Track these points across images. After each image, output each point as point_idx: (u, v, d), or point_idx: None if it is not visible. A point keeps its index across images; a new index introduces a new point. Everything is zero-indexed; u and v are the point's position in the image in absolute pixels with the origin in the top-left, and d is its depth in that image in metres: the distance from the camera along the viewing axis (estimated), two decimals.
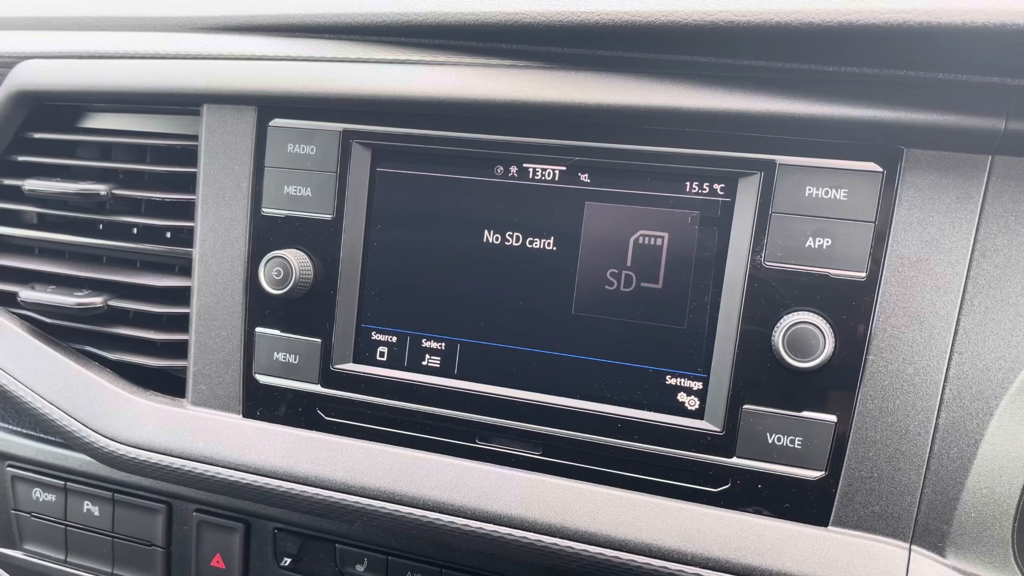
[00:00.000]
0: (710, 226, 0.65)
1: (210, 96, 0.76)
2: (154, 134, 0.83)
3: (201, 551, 0.84)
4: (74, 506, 0.88)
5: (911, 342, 0.61)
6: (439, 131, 0.70)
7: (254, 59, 0.75)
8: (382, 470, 0.72)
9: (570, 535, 0.67)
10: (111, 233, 0.84)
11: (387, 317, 0.73)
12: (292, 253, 0.72)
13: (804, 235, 0.62)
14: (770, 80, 0.62)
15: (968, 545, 0.61)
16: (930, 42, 0.56)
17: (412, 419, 0.73)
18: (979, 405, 0.60)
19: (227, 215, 0.76)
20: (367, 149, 0.72)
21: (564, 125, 0.67)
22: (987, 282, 0.60)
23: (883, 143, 0.61)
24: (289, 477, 0.74)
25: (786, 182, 0.62)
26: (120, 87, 0.79)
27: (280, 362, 0.76)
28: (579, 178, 0.68)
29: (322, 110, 0.73)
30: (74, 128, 0.87)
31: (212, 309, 0.77)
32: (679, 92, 0.63)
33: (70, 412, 0.80)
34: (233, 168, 0.76)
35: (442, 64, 0.70)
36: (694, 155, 0.64)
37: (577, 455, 0.69)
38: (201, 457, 0.76)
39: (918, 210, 0.60)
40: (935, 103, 0.59)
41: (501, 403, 0.70)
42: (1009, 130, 0.57)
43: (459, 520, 0.69)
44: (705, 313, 0.65)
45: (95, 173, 0.84)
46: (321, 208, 0.73)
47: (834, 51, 0.61)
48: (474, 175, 0.70)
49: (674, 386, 0.67)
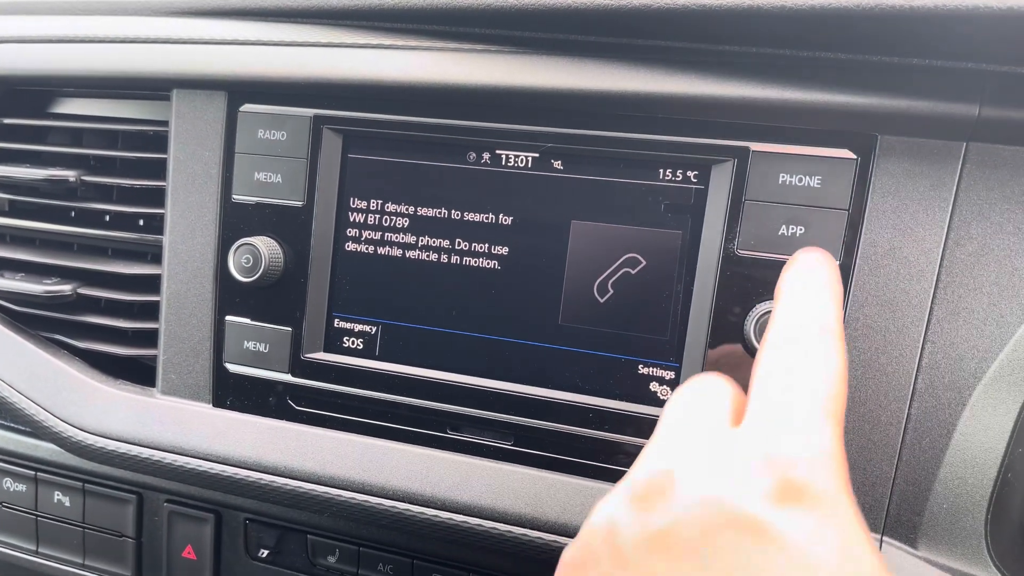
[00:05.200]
0: (683, 214, 0.64)
1: (179, 81, 0.75)
2: (125, 119, 0.82)
3: (172, 542, 0.83)
4: (45, 496, 0.87)
5: (884, 331, 0.60)
6: (410, 116, 0.69)
7: (224, 43, 0.73)
8: (352, 460, 0.71)
9: (541, 525, 0.66)
10: (83, 220, 0.83)
11: (358, 306, 0.72)
12: (262, 240, 0.71)
13: (777, 223, 0.61)
14: (744, 66, 0.61)
15: (940, 537, 0.60)
16: (904, 26, 0.55)
17: (383, 409, 0.72)
18: (952, 395, 0.60)
19: (197, 202, 0.75)
20: (338, 135, 0.71)
21: (537, 111, 0.66)
22: (960, 270, 0.59)
23: (857, 130, 0.60)
24: (259, 467, 0.73)
25: (759, 169, 0.62)
26: (89, 71, 0.78)
27: (250, 351, 0.75)
28: (552, 165, 0.67)
29: (293, 95, 0.72)
30: (44, 113, 0.86)
31: (182, 297, 0.76)
32: (652, 77, 0.63)
33: (38, 401, 0.78)
34: (203, 154, 0.75)
35: (414, 48, 0.69)
36: (667, 142, 0.63)
37: (549, 445, 0.68)
38: (170, 447, 0.75)
39: (892, 198, 0.60)
40: (910, 89, 0.58)
41: (472, 393, 0.69)
42: (983, 116, 0.56)
43: (429, 510, 0.68)
44: (678, 302, 0.65)
45: (65, 159, 0.83)
46: (291, 195, 0.72)
47: (808, 36, 0.60)
48: (446, 161, 0.69)
49: (646, 375, 0.66)
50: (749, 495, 0.32)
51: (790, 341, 0.41)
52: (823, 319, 0.42)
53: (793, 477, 0.32)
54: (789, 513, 0.31)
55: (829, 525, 0.31)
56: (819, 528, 0.31)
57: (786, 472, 0.32)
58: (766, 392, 0.38)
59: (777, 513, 0.31)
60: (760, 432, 0.35)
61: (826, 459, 0.33)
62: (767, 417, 0.36)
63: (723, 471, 0.34)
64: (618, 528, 0.36)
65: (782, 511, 0.31)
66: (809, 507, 0.31)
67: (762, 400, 0.38)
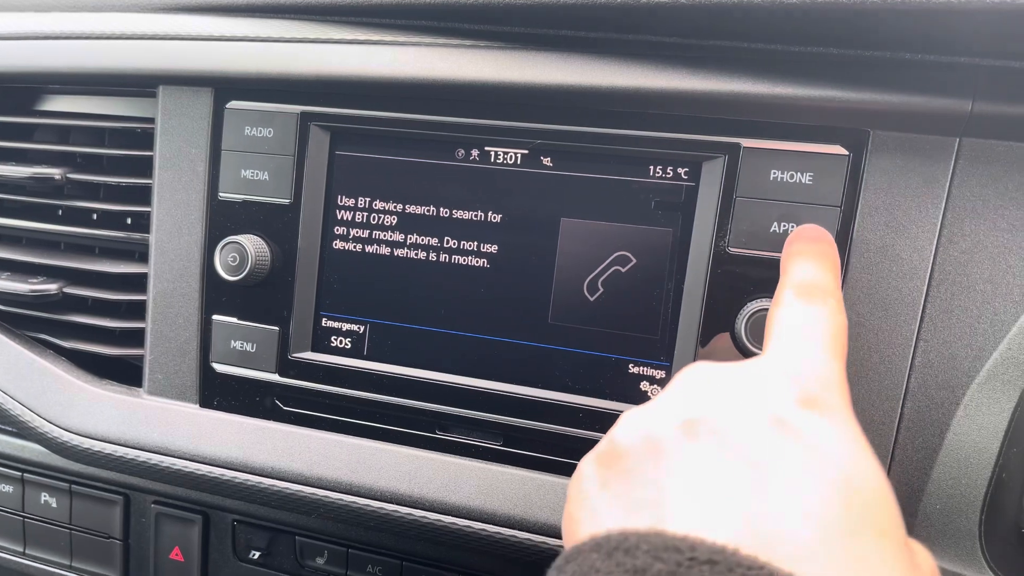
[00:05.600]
0: (673, 211, 0.63)
1: (165, 77, 0.74)
2: (111, 116, 0.81)
3: (160, 543, 0.83)
4: (31, 497, 0.86)
5: (876, 330, 0.59)
6: (398, 113, 0.68)
7: (210, 39, 0.73)
8: (340, 461, 0.70)
9: (530, 527, 0.66)
10: (69, 219, 0.82)
11: (346, 305, 0.71)
12: (248, 239, 0.71)
13: (769, 220, 0.61)
14: (735, 61, 0.61)
15: (934, 537, 0.60)
16: (896, 21, 0.54)
17: (371, 409, 0.71)
18: (945, 394, 0.59)
19: (183, 200, 0.75)
20: (326, 132, 0.70)
21: (526, 107, 0.66)
22: (954, 268, 0.58)
23: (849, 126, 0.59)
24: (246, 468, 0.72)
25: (751, 166, 0.61)
26: (75, 68, 0.77)
27: (237, 350, 0.74)
28: (541, 161, 0.66)
29: (280, 92, 0.71)
30: (30, 111, 0.85)
31: (168, 296, 0.76)
32: (642, 73, 0.62)
33: (23, 401, 0.78)
34: (189, 151, 0.74)
35: (401, 44, 0.68)
36: (658, 138, 0.63)
37: (539, 445, 0.68)
38: (156, 448, 0.74)
39: (884, 194, 0.59)
40: (902, 84, 0.57)
41: (461, 392, 0.69)
42: (976, 112, 0.56)
43: (417, 512, 0.68)
44: (668, 300, 0.64)
45: (51, 157, 0.82)
46: (278, 192, 0.71)
47: (799, 31, 0.59)
48: (434, 158, 0.68)
49: (637, 375, 0.65)
50: (776, 399, 0.39)
51: (800, 299, 0.48)
52: (826, 284, 0.50)
53: (810, 390, 0.40)
54: (808, 415, 0.38)
55: (838, 428, 0.38)
56: (830, 429, 0.38)
57: (804, 386, 0.40)
58: (782, 336, 0.46)
59: (799, 413, 0.38)
60: (781, 359, 0.43)
61: (835, 384, 0.42)
62: (786, 351, 0.44)
63: (754, 381, 0.41)
64: (652, 425, 0.41)
65: (802, 413, 0.38)
66: (821, 414, 0.39)
67: (780, 341, 0.45)
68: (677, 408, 0.41)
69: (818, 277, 0.50)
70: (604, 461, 0.42)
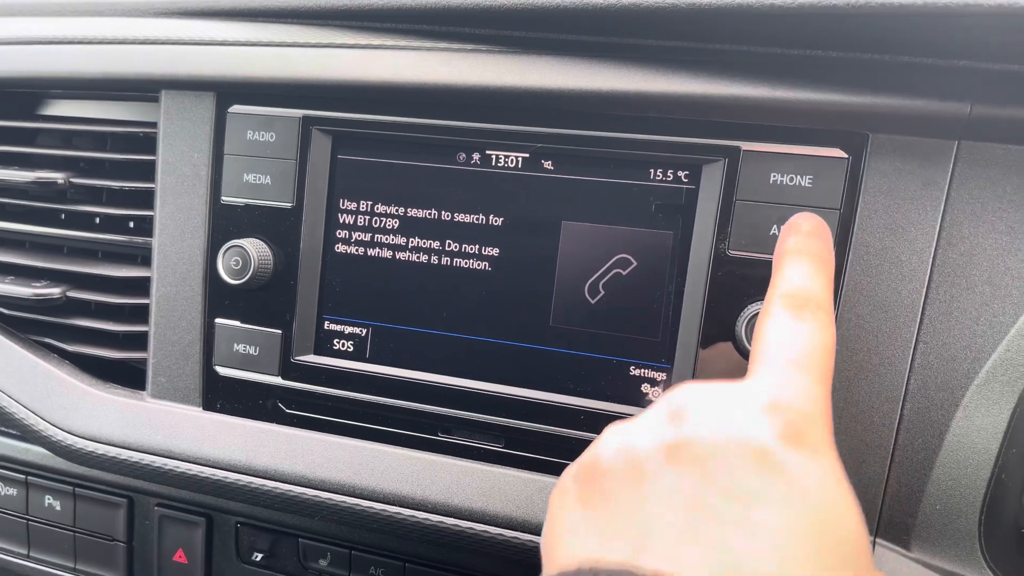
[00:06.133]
0: (674, 214, 0.64)
1: (168, 82, 0.74)
2: (114, 121, 0.81)
3: (163, 546, 0.83)
4: (35, 500, 0.86)
5: (876, 332, 0.60)
6: (400, 117, 0.68)
7: (213, 44, 0.73)
8: (343, 463, 0.71)
9: (533, 528, 0.66)
10: (72, 223, 0.83)
11: (348, 308, 0.72)
12: (251, 242, 0.71)
13: (769, 222, 0.61)
14: (734, 64, 0.61)
15: (934, 538, 0.60)
16: (895, 24, 0.55)
17: (373, 411, 0.71)
18: (944, 396, 0.59)
19: (186, 204, 0.75)
20: (327, 136, 0.71)
21: (527, 111, 0.66)
22: (952, 270, 0.58)
23: (848, 129, 0.59)
24: (249, 471, 0.72)
25: (750, 169, 0.61)
26: (78, 73, 0.78)
27: (240, 354, 0.74)
28: (542, 165, 0.66)
29: (282, 96, 0.72)
30: (33, 115, 0.85)
31: (171, 300, 0.76)
32: (642, 77, 0.62)
33: (27, 404, 0.78)
34: (192, 156, 0.75)
35: (403, 48, 0.68)
36: (658, 142, 0.63)
37: (540, 447, 0.68)
38: (160, 450, 0.75)
39: (883, 197, 0.59)
40: (901, 87, 0.57)
41: (463, 395, 0.69)
42: (974, 115, 0.56)
43: (420, 514, 0.68)
44: (669, 303, 0.64)
45: (54, 161, 0.82)
46: (281, 196, 0.72)
47: (799, 34, 0.60)
48: (436, 162, 0.69)
49: (638, 377, 0.66)
50: (760, 431, 0.39)
51: (788, 312, 0.47)
52: (816, 294, 0.49)
53: (794, 424, 0.39)
54: (789, 453, 0.38)
55: (818, 466, 0.38)
56: (810, 466, 0.38)
57: (788, 419, 0.40)
58: (767, 357, 0.45)
59: (781, 447, 0.38)
60: (767, 385, 0.43)
61: (819, 416, 0.41)
62: (772, 376, 0.43)
63: (739, 409, 0.41)
64: (636, 445, 0.41)
65: (784, 446, 0.38)
66: (804, 448, 0.38)
67: (766, 364, 0.45)
68: (662, 429, 0.41)
69: (808, 284, 0.49)
70: (586, 476, 0.42)
